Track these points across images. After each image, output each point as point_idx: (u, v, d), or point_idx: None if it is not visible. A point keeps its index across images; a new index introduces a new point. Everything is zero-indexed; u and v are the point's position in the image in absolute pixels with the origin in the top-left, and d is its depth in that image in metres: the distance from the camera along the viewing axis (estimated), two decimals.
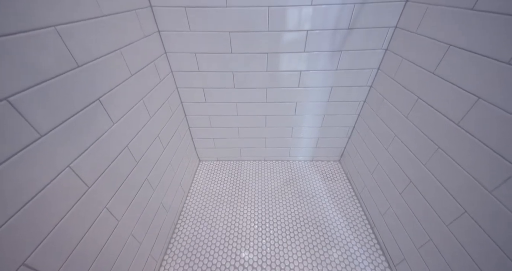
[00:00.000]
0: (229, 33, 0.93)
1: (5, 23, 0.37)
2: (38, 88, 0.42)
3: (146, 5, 0.84)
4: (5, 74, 0.37)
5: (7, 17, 0.37)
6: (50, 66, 0.45)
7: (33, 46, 0.41)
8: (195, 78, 1.09)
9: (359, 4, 0.85)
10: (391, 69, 0.93)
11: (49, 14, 0.45)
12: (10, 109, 0.38)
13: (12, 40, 0.38)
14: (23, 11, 0.40)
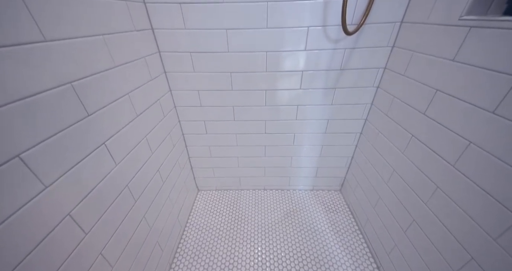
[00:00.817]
0: (230, 73, 1.01)
1: (23, 86, 0.41)
2: (49, 141, 0.45)
3: (155, 51, 0.92)
4: (19, 130, 0.40)
5: (23, 80, 0.42)
6: (63, 119, 0.48)
7: (48, 104, 0.45)
8: (197, 112, 1.14)
9: (349, 49, 0.93)
10: (384, 105, 0.97)
11: (66, 72, 0.50)
12: (20, 165, 0.40)
13: (30, 100, 0.42)
14: (39, 73, 0.45)
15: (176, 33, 0.90)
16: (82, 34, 0.54)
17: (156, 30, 0.89)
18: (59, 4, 0.48)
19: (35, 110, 0.42)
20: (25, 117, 0.40)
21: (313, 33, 0.89)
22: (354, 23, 0.86)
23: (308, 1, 0.82)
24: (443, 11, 0.66)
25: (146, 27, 0.84)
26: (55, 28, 0.47)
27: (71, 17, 0.51)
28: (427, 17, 0.72)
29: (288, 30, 0.89)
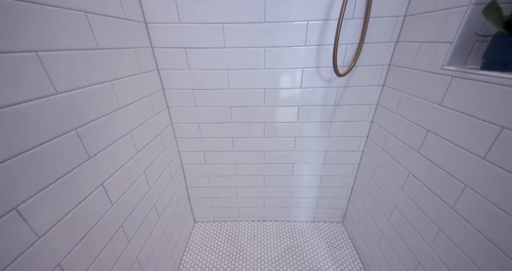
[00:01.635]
0: (230, 108, 1.06)
1: (25, 139, 0.43)
2: (47, 189, 0.46)
3: (159, 89, 0.98)
4: (19, 181, 0.41)
5: (28, 132, 0.44)
6: (64, 165, 0.50)
7: (51, 152, 0.47)
8: (197, 143, 1.16)
9: (342, 88, 0.99)
10: (379, 140, 1.00)
11: (73, 119, 0.53)
12: (17, 217, 0.40)
13: (33, 151, 0.43)
14: (45, 125, 0.47)
15: (180, 73, 0.97)
16: (92, 83, 0.58)
17: (161, 70, 0.96)
18: (72, 60, 0.53)
19: (37, 160, 0.44)
20: (26, 167, 0.42)
21: (308, 73, 0.96)
22: (345, 65, 0.93)
23: (302, 47, 0.90)
24: (426, 60, 0.72)
25: (152, 68, 0.91)
26: (67, 81, 0.51)
27: (82, 70, 0.56)
28: (412, 63, 0.78)
29: (284, 71, 0.96)
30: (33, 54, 0.43)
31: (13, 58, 0.40)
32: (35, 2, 0.44)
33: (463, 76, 0.58)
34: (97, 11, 0.60)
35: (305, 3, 0.82)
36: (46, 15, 0.46)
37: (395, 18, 0.83)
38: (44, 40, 0.45)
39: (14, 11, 0.40)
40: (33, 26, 0.43)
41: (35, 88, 0.43)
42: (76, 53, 0.53)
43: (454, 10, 0.61)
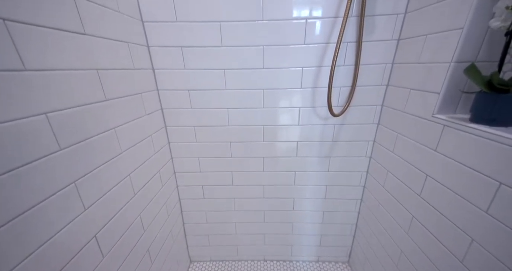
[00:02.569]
0: (230, 143, 1.07)
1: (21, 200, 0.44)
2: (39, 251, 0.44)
3: (162, 127, 1.01)
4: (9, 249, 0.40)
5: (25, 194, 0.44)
6: (58, 218, 0.49)
7: (50, 210, 0.47)
8: (196, 177, 1.15)
9: (338, 125, 1.02)
10: (380, 177, 0.99)
11: (71, 174, 0.53)
12: None
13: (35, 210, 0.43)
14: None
15: (183, 112, 1.01)
16: (93, 134, 0.60)
17: (165, 109, 1.00)
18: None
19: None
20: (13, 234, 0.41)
21: (305, 111, 1.00)
22: (340, 105, 0.98)
23: (298, 89, 0.96)
24: (417, 106, 0.75)
25: (156, 108, 0.96)
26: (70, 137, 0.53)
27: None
28: (404, 107, 0.81)
29: (282, 109, 1.00)
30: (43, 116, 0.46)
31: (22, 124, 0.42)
32: (45, 69, 0.48)
33: (454, 126, 0.60)
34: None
35: (300, 53, 0.89)
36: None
37: (384, 65, 0.89)
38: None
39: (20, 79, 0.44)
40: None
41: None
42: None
43: (438, 65, 0.66)
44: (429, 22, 0.70)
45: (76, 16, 0.54)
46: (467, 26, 0.57)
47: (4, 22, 0.39)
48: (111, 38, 0.66)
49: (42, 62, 0.45)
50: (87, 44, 0.57)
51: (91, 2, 0.58)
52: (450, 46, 0.62)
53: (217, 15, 0.83)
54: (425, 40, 0.71)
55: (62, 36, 0.50)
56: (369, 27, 0.83)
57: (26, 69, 0.42)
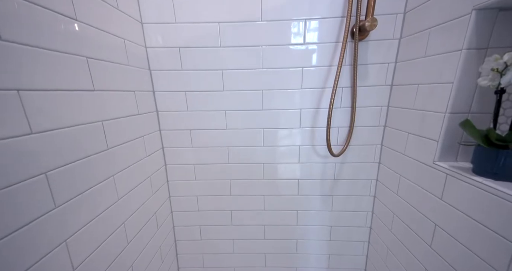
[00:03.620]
0: (229, 180, 1.06)
1: None
2: None
3: (162, 165, 1.01)
4: None
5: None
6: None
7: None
8: (193, 217, 1.10)
9: (339, 164, 1.01)
10: (386, 219, 0.94)
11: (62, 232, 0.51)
12: None
13: None
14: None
15: (184, 151, 1.01)
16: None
17: (166, 148, 1.01)
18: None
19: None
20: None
21: (305, 150, 1.00)
22: (339, 144, 0.98)
23: (297, 129, 0.97)
24: (417, 150, 0.75)
25: (158, 148, 0.96)
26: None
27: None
28: (404, 150, 0.81)
29: (282, 148, 1.00)
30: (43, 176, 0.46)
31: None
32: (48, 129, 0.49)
33: (458, 177, 0.59)
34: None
35: (298, 96, 0.93)
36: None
37: (380, 108, 0.92)
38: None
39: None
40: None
41: None
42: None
43: (432, 113, 0.68)
44: (420, 73, 0.74)
45: (88, 77, 0.58)
46: (456, 80, 0.60)
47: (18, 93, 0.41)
48: (120, 89, 0.70)
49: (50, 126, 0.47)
50: (97, 100, 0.60)
51: (102, 61, 0.63)
52: (442, 98, 0.64)
53: (219, 64, 0.89)
54: (417, 89, 0.74)
55: (73, 95, 0.53)
56: (363, 74, 0.88)
57: (33, 132, 0.44)
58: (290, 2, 0.81)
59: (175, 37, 0.86)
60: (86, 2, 0.57)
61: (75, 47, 0.53)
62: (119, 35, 0.70)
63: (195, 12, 0.83)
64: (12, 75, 0.40)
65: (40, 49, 0.45)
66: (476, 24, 0.55)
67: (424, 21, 0.71)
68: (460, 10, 0.58)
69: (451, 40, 0.61)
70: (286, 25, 0.84)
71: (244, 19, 0.83)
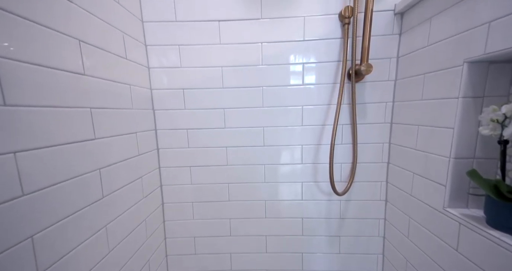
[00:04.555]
0: (229, 219, 1.00)
1: None
2: None
3: (160, 204, 0.97)
4: None
5: None
6: None
7: None
8: (190, 260, 1.02)
9: (345, 201, 0.97)
10: (398, 264, 0.87)
11: None
12: None
13: None
14: None
15: (184, 188, 0.98)
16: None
17: (164, 186, 0.98)
18: None
19: None
20: None
21: (308, 186, 0.97)
22: (343, 180, 0.95)
23: (299, 165, 0.95)
24: (425, 193, 0.72)
25: (157, 185, 0.94)
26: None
27: None
28: (410, 190, 0.79)
29: (284, 184, 0.97)
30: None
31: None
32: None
33: (472, 228, 0.55)
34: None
35: (298, 133, 0.93)
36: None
37: (381, 144, 0.91)
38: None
39: None
40: None
41: None
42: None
43: (436, 157, 0.67)
44: (418, 114, 0.74)
45: (90, 127, 0.58)
46: (457, 126, 0.60)
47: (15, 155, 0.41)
48: (121, 133, 0.71)
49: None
50: (97, 148, 0.60)
51: (106, 109, 0.65)
52: (444, 142, 0.64)
53: (221, 103, 0.91)
54: (417, 130, 0.75)
55: (71, 147, 0.52)
56: (361, 112, 0.89)
57: (24, 193, 0.42)
58: (288, 48, 0.86)
59: (180, 80, 0.90)
60: (95, 56, 0.60)
61: (80, 101, 0.55)
62: (126, 82, 0.73)
63: (200, 57, 0.88)
64: (9, 139, 0.40)
65: (43, 108, 0.46)
66: (469, 75, 0.57)
67: (418, 67, 0.74)
68: (452, 61, 0.61)
69: (447, 87, 0.63)
70: (285, 69, 0.88)
71: (245, 63, 0.88)
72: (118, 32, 0.70)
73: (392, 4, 0.80)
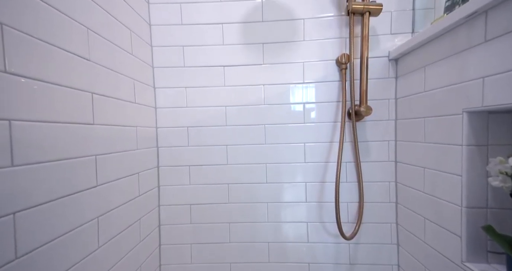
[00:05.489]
0: (230, 264, 0.93)
1: None
2: None
3: (157, 246, 0.91)
4: None
5: None
6: None
7: None
8: None
9: (354, 244, 0.90)
10: None
11: None
12: None
13: None
14: None
15: (183, 227, 0.94)
16: None
17: (162, 225, 0.95)
18: None
19: None
20: None
21: (313, 227, 0.92)
22: (350, 221, 0.91)
23: (303, 203, 0.92)
24: (440, 243, 0.67)
25: (155, 225, 0.90)
26: None
27: None
28: (423, 236, 0.74)
29: (288, 224, 0.92)
30: None
31: None
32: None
33: None
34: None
35: (301, 170, 0.92)
36: None
37: (388, 183, 0.89)
38: None
39: None
40: None
41: None
42: None
43: (447, 204, 0.64)
44: (422, 156, 0.73)
45: (93, 175, 0.58)
46: (465, 174, 0.58)
47: None
48: (123, 176, 0.70)
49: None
50: (98, 195, 0.59)
51: (110, 154, 0.65)
52: (453, 189, 0.61)
53: (224, 140, 0.93)
54: (424, 172, 0.73)
55: (71, 199, 0.52)
56: (364, 150, 0.89)
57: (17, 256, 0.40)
58: (289, 90, 0.90)
59: (185, 118, 0.92)
60: (105, 104, 0.63)
61: (86, 150, 0.56)
62: (133, 124, 0.76)
63: (205, 98, 0.92)
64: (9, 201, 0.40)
65: (46, 163, 0.47)
66: (470, 124, 0.57)
67: (417, 110, 0.75)
68: (450, 109, 0.62)
69: (448, 133, 0.63)
70: (287, 108, 0.91)
71: (248, 103, 0.91)
72: (128, 79, 0.74)
73: (386, 51, 0.85)
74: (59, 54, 0.48)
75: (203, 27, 0.89)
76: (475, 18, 0.53)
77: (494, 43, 0.49)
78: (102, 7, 0.62)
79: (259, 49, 0.89)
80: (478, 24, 0.52)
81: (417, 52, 0.74)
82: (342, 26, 0.86)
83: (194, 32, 0.90)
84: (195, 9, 0.89)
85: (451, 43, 0.60)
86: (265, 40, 0.88)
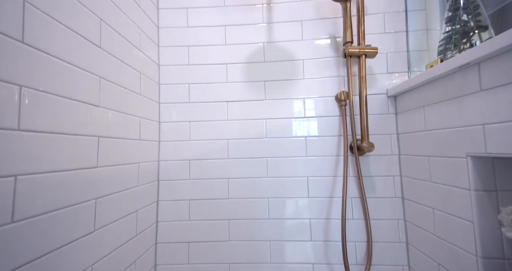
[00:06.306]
0: None
1: None
2: None
3: (152, 265, 0.86)
4: None
5: None
6: None
7: None
8: None
9: None
10: None
11: None
12: None
13: None
14: None
15: (178, 246, 0.89)
16: None
17: (159, 265, 0.89)
18: None
19: None
20: None
21: (319, 270, 0.86)
22: (359, 263, 0.85)
23: (308, 242, 0.87)
24: None
25: (151, 265, 0.85)
26: None
27: None
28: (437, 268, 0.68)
29: (292, 265, 0.87)
30: None
31: None
32: None
33: None
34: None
35: (305, 204, 0.89)
36: None
37: (396, 221, 0.85)
38: None
39: None
40: None
41: None
42: None
43: (461, 251, 0.60)
44: (430, 196, 0.71)
45: (91, 219, 0.57)
46: (476, 221, 0.56)
47: None
48: (122, 216, 0.69)
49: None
50: (94, 241, 0.57)
51: (111, 195, 0.65)
52: (465, 235, 0.58)
53: (226, 174, 0.92)
54: (433, 213, 0.70)
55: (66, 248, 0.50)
56: (369, 185, 0.87)
57: None
58: (291, 124, 0.92)
59: (187, 152, 0.93)
60: (111, 146, 0.64)
61: (87, 194, 0.56)
62: (135, 161, 0.76)
63: (207, 131, 0.93)
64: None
65: (45, 214, 0.46)
66: (475, 168, 0.56)
67: (420, 148, 0.75)
68: (454, 152, 0.61)
69: (455, 175, 0.61)
70: (289, 141, 0.91)
71: (250, 136, 0.92)
72: (135, 118, 0.77)
73: (384, 89, 0.88)
74: (68, 105, 0.51)
75: (209, 67, 0.95)
76: (468, 68, 0.55)
77: (490, 94, 0.50)
78: (114, 56, 0.67)
79: (261, 86, 0.93)
80: (472, 74, 0.54)
81: (415, 92, 0.76)
82: (340, 66, 0.90)
83: (200, 71, 0.95)
84: (202, 52, 0.95)
85: (448, 88, 0.62)
86: (267, 78, 0.93)
